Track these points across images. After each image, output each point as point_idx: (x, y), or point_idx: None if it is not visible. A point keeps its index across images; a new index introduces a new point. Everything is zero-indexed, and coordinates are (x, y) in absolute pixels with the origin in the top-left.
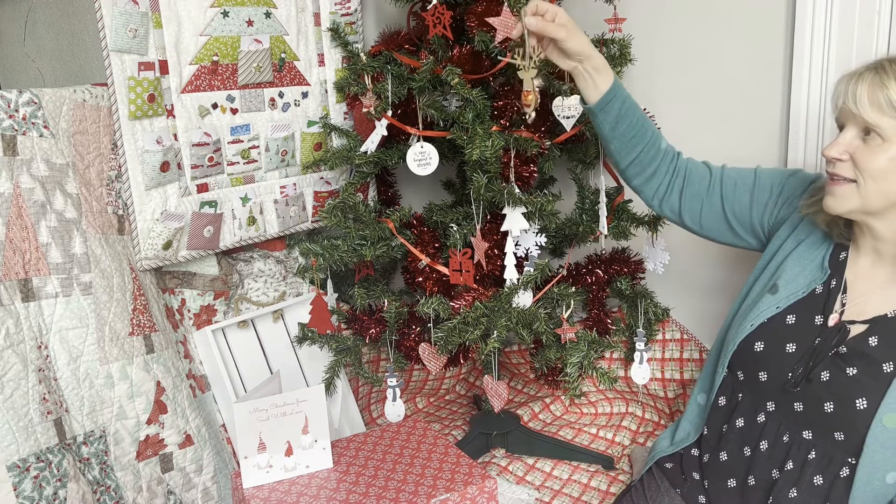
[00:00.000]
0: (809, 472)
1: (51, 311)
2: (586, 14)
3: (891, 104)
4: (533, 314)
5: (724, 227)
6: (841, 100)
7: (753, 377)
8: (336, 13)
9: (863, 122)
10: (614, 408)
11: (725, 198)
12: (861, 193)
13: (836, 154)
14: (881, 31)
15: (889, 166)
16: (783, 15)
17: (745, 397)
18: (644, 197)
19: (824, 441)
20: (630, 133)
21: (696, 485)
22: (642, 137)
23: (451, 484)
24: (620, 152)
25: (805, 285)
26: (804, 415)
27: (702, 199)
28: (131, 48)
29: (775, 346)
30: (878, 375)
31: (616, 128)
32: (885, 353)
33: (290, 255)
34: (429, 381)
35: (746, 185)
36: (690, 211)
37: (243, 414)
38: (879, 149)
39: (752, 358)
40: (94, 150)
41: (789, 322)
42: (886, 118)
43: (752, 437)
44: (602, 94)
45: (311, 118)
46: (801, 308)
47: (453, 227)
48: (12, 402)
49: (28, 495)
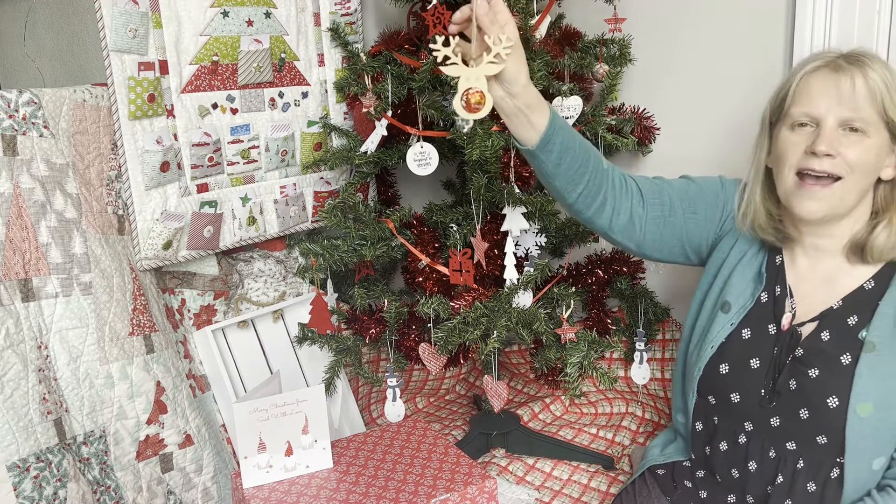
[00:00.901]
0: (801, 481)
1: (51, 311)
2: (586, 14)
3: (877, 97)
4: (533, 314)
5: (679, 251)
6: (813, 93)
7: (725, 400)
8: (336, 13)
9: (847, 115)
10: (614, 408)
11: (686, 217)
12: (844, 191)
13: (826, 148)
14: (881, 31)
15: (872, 159)
16: (783, 15)
17: (721, 421)
18: (598, 228)
19: (809, 448)
20: (575, 164)
21: (687, 493)
22: (587, 164)
23: (451, 484)
24: (566, 188)
25: (750, 296)
26: (783, 427)
27: (664, 219)
28: (131, 48)
29: (739, 364)
30: (839, 370)
31: (560, 164)
32: (838, 345)
33: (290, 255)
34: (429, 381)
35: (697, 201)
36: (651, 234)
37: (243, 414)
38: (863, 141)
39: (720, 381)
40: (94, 150)
41: (745, 337)
42: (872, 110)
43: (738, 459)
44: (541, 133)
45: (311, 118)
46: (753, 320)
47: (453, 227)
48: (12, 402)
49: (28, 495)
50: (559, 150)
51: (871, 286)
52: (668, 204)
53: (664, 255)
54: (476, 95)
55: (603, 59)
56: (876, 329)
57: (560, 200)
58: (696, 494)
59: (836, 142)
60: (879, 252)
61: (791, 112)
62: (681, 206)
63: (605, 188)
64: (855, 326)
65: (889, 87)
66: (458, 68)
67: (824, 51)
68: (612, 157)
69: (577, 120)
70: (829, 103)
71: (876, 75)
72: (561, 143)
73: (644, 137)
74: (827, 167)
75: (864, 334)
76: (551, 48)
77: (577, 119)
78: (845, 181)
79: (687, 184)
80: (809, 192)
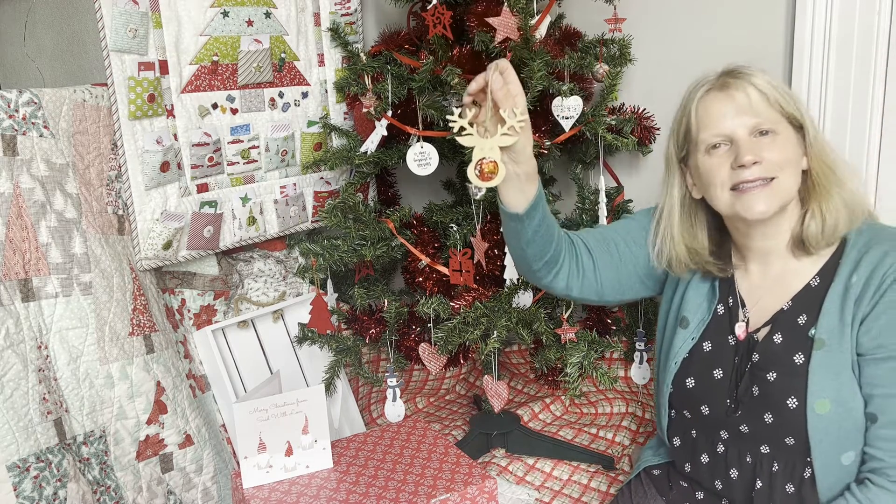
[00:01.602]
0: (779, 484)
1: (51, 311)
2: (586, 14)
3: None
4: (533, 314)
5: (639, 286)
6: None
7: (698, 413)
8: (336, 13)
9: (754, 122)
10: (614, 408)
11: (634, 253)
12: (782, 186)
13: (753, 157)
14: (881, 32)
15: (792, 152)
16: (783, 15)
17: (700, 434)
18: (558, 291)
19: (780, 450)
20: (548, 233)
21: (682, 493)
22: (553, 232)
23: (451, 484)
24: (536, 255)
25: (706, 310)
26: (753, 433)
27: (615, 264)
28: (131, 48)
29: (703, 377)
30: (794, 370)
31: (538, 230)
32: (790, 346)
33: (290, 255)
34: (429, 381)
35: (638, 234)
36: (608, 280)
37: (243, 414)
38: (778, 140)
39: (689, 395)
40: (94, 150)
41: (706, 350)
42: (773, 112)
43: (720, 469)
44: (530, 200)
45: (311, 118)
46: (712, 333)
47: (453, 227)
48: (12, 402)
49: (28, 495)
50: (540, 217)
51: (817, 283)
52: (614, 247)
53: (626, 294)
54: (490, 165)
55: (603, 59)
56: (823, 326)
57: (523, 269)
58: (691, 495)
59: (756, 148)
60: (816, 241)
61: (701, 138)
62: (625, 245)
63: (563, 252)
64: (805, 325)
65: (776, 88)
66: (473, 139)
67: (702, 77)
68: (613, 157)
69: (577, 120)
70: (733, 117)
71: (760, 80)
72: (542, 211)
73: (644, 137)
74: (758, 173)
75: (814, 332)
76: (551, 48)
77: (577, 119)
78: (779, 179)
79: (626, 222)
80: (752, 196)
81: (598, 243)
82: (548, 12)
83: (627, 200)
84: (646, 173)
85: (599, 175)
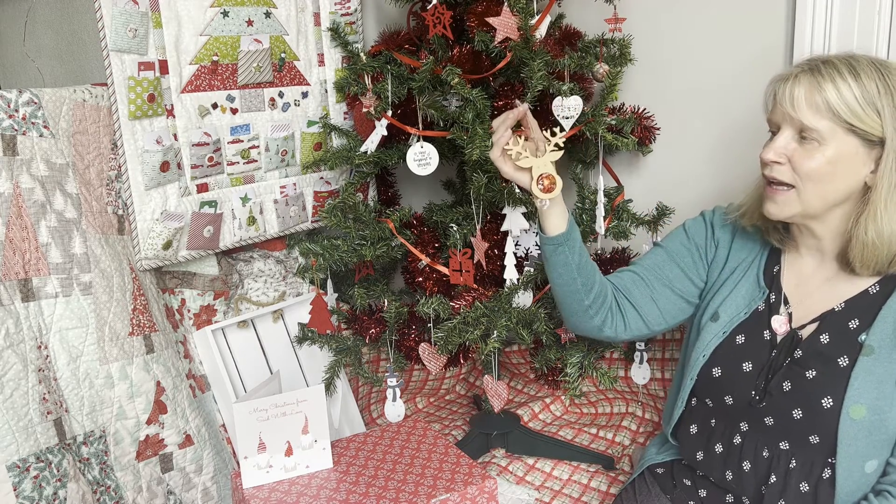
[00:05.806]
0: (794, 482)
1: (51, 311)
2: (586, 14)
3: (828, 106)
4: (533, 314)
5: (682, 304)
6: (775, 102)
7: (721, 402)
8: (336, 13)
9: (799, 124)
10: (614, 408)
11: (667, 281)
12: (801, 198)
13: (773, 157)
14: (881, 32)
15: (827, 168)
16: (783, 15)
17: (719, 423)
18: (606, 336)
19: (801, 448)
20: (587, 258)
21: (686, 491)
22: (595, 268)
23: (451, 484)
24: (587, 283)
25: (745, 306)
26: (776, 427)
27: (651, 297)
28: (131, 48)
29: (732, 368)
30: (836, 371)
31: (581, 253)
32: (837, 347)
33: (290, 255)
34: (429, 381)
35: (671, 263)
36: (651, 314)
37: (243, 414)
38: (817, 151)
39: (714, 384)
40: (94, 150)
41: (739, 342)
42: (824, 120)
43: (733, 460)
44: (567, 217)
45: (311, 118)
46: (747, 328)
47: (453, 227)
48: (12, 402)
49: (28, 495)
50: (578, 235)
51: (876, 290)
52: (649, 280)
53: (674, 318)
54: (547, 179)
55: (603, 58)
56: (876, 333)
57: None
58: (695, 493)
59: (789, 150)
60: (859, 266)
61: (767, 119)
62: (661, 274)
63: (608, 291)
64: (856, 330)
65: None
66: (529, 160)
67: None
68: (613, 157)
69: (577, 120)
70: (784, 112)
71: (830, 84)
72: (578, 238)
73: (644, 137)
74: (775, 174)
75: (864, 338)
76: (551, 48)
77: (577, 119)
78: (800, 190)
79: (655, 252)
80: (771, 195)
81: (633, 284)
82: (548, 12)
83: (627, 200)
84: (646, 173)
85: (599, 175)
